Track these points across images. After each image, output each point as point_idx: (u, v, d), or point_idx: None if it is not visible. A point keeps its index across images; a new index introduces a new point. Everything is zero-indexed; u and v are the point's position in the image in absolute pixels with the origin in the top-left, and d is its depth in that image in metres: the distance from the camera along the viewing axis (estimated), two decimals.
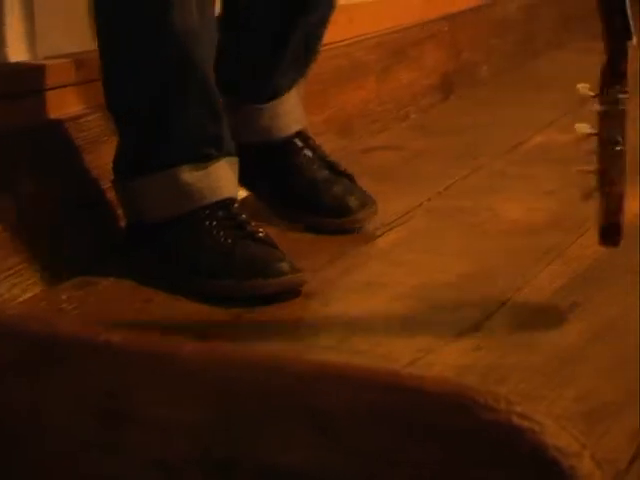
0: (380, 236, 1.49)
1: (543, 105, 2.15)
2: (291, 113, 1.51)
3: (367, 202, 1.50)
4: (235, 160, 1.35)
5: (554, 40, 2.74)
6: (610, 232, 1.20)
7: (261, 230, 1.31)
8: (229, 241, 1.29)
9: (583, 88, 1.28)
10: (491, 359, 1.13)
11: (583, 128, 1.26)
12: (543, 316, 1.23)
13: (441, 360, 1.13)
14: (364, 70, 1.98)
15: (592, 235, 1.45)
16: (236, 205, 1.33)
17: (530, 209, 1.57)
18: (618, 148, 1.20)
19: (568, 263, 1.38)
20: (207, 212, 1.30)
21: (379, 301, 1.29)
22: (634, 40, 1.23)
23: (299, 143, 1.50)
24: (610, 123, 1.22)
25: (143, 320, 1.22)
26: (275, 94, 1.49)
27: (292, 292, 1.27)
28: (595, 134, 1.23)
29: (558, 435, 0.60)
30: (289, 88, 1.50)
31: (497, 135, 1.97)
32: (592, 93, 1.26)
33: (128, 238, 1.38)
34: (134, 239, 1.36)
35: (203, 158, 1.31)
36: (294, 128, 1.51)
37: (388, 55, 2.03)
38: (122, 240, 1.39)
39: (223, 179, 1.33)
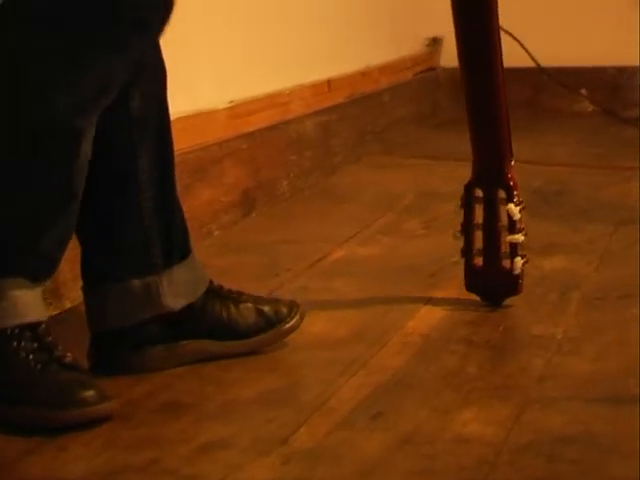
0: None
1: (343, 219, 2.21)
2: None
3: None
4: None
5: (351, 155, 2.83)
6: None
7: (68, 355, 1.29)
8: (38, 366, 1.27)
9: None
10: (299, 472, 1.13)
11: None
12: (349, 427, 1.25)
13: (250, 476, 1.13)
14: None
15: (394, 345, 1.50)
16: (43, 327, 1.31)
17: (333, 322, 1.60)
18: None
19: (372, 374, 1.41)
20: (14, 332, 1.28)
21: (186, 420, 1.28)
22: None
23: None
24: None
25: None
26: None
27: (98, 421, 1.25)
28: None
29: None
30: None
31: (299, 250, 2.01)
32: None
33: None
34: None
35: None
36: None
37: (189, 173, 2.05)
38: None
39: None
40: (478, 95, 1.64)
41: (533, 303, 1.67)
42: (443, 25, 3.62)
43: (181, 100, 1.92)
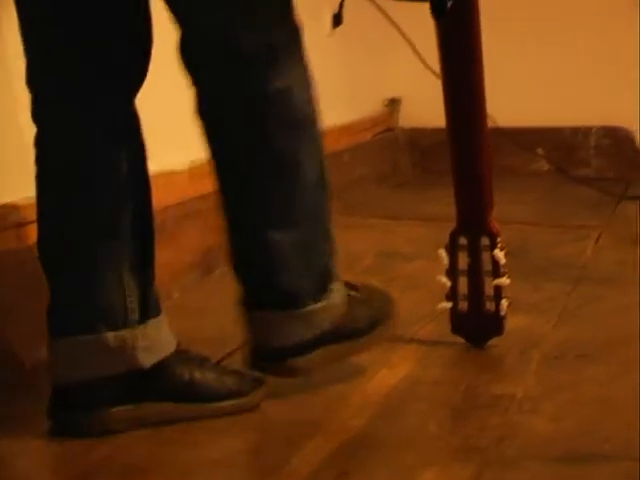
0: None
1: None
2: None
3: None
4: None
5: None
6: None
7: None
8: None
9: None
10: None
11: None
12: None
13: None
14: None
15: (354, 406, 1.50)
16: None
17: (292, 385, 1.60)
18: None
19: (333, 435, 1.41)
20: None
21: None
22: None
23: None
24: None
25: None
26: None
27: None
28: None
29: None
30: None
31: None
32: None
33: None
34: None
35: None
36: None
37: None
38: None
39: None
40: (463, 151, 1.74)
41: (494, 362, 1.69)
42: (401, 86, 3.70)
43: None
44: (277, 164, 1.48)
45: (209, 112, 1.49)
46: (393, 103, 3.70)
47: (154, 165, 1.61)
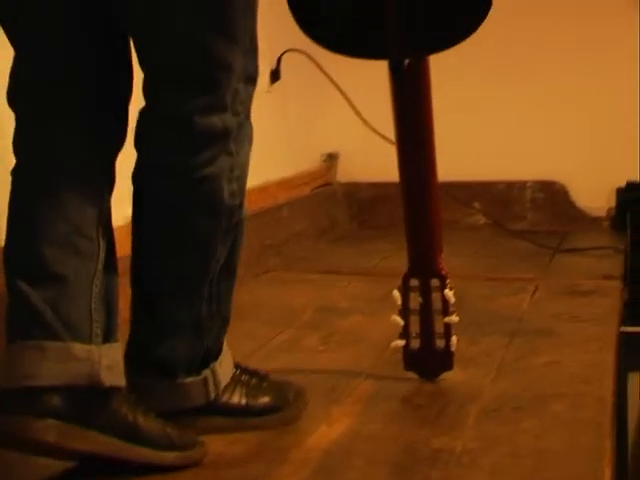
0: None
1: (242, 336, 2.21)
2: None
3: None
4: None
5: (251, 271, 2.85)
6: None
7: None
8: None
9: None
10: None
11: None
12: None
13: None
14: None
15: (294, 462, 1.50)
16: None
17: (232, 440, 1.59)
18: None
19: None
20: None
21: None
22: None
23: None
24: None
25: None
26: None
27: None
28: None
29: None
30: None
31: None
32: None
33: None
34: None
35: None
36: None
37: None
38: None
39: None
40: (415, 202, 1.84)
41: (433, 416, 1.69)
42: (339, 141, 3.73)
43: None
44: (187, 244, 1.51)
45: (138, 177, 1.52)
46: (331, 158, 3.74)
47: None
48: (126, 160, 1.55)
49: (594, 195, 3.49)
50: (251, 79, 1.52)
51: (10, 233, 1.47)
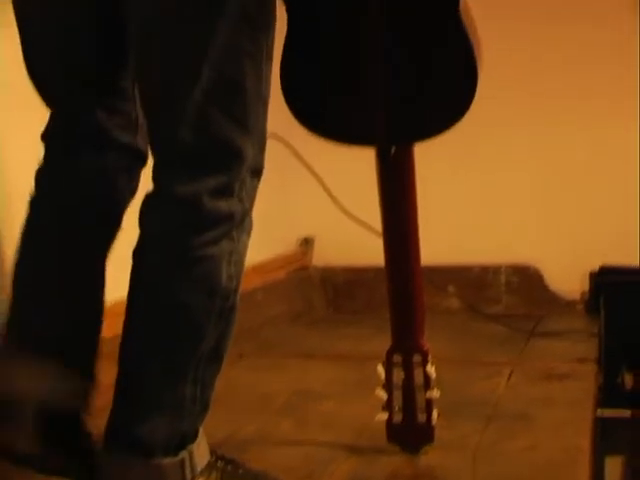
0: None
1: (216, 423, 2.18)
2: None
3: None
4: None
5: (228, 354, 2.83)
6: None
7: None
8: None
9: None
10: None
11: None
12: None
13: None
14: None
15: None
16: None
17: None
18: None
19: None
20: None
21: None
22: None
23: None
24: None
25: None
26: None
27: None
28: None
29: None
30: None
31: None
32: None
33: None
34: None
35: None
36: None
37: None
38: None
39: None
40: (398, 283, 1.90)
41: None
42: (314, 225, 3.75)
43: None
44: (180, 322, 1.52)
45: (140, 253, 1.53)
46: (306, 242, 3.75)
47: None
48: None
49: (568, 279, 3.51)
50: (257, 172, 1.56)
51: None
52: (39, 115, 1.65)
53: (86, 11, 1.54)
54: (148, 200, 1.52)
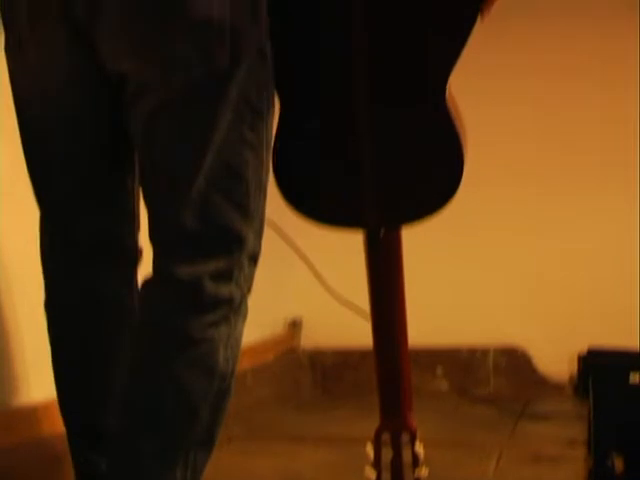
0: None
1: None
2: None
3: None
4: None
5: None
6: None
7: None
8: None
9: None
10: None
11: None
12: None
13: None
14: None
15: None
16: None
17: None
18: None
19: None
20: None
21: None
22: None
23: None
24: None
25: None
26: None
27: None
28: None
29: None
30: None
31: None
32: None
33: None
34: None
35: None
36: None
37: None
38: None
39: None
40: (387, 364, 1.91)
41: None
42: (302, 308, 3.75)
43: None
44: (177, 402, 1.52)
45: (138, 332, 1.55)
46: (295, 324, 3.75)
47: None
48: None
49: (556, 361, 3.51)
50: (254, 259, 1.59)
51: None
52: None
53: (90, 115, 1.57)
54: (148, 283, 1.54)
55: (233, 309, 1.54)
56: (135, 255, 1.69)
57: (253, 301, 1.62)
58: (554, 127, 3.46)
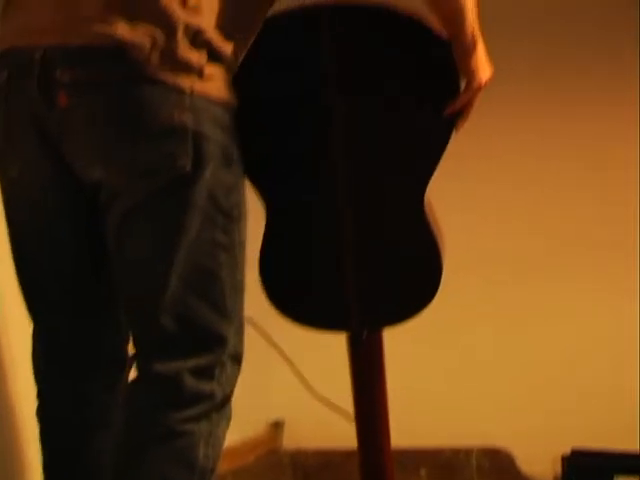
0: None
1: None
2: None
3: None
4: None
5: None
6: None
7: None
8: None
9: None
10: None
11: None
12: None
13: None
14: None
15: None
16: None
17: None
18: None
19: None
20: None
21: None
22: None
23: None
24: None
25: None
26: None
27: None
28: None
29: None
30: None
31: None
32: None
33: None
34: None
35: None
36: None
37: None
38: None
39: None
40: (370, 463, 1.98)
41: None
42: (284, 408, 3.72)
43: None
44: None
45: (122, 427, 1.55)
46: (276, 425, 3.72)
47: None
48: None
49: (540, 462, 3.48)
50: (237, 360, 1.60)
51: None
52: None
53: (69, 222, 1.60)
54: (132, 382, 1.56)
55: (215, 406, 1.54)
56: (124, 364, 1.70)
57: (234, 401, 1.63)
58: (547, 214, 3.47)
